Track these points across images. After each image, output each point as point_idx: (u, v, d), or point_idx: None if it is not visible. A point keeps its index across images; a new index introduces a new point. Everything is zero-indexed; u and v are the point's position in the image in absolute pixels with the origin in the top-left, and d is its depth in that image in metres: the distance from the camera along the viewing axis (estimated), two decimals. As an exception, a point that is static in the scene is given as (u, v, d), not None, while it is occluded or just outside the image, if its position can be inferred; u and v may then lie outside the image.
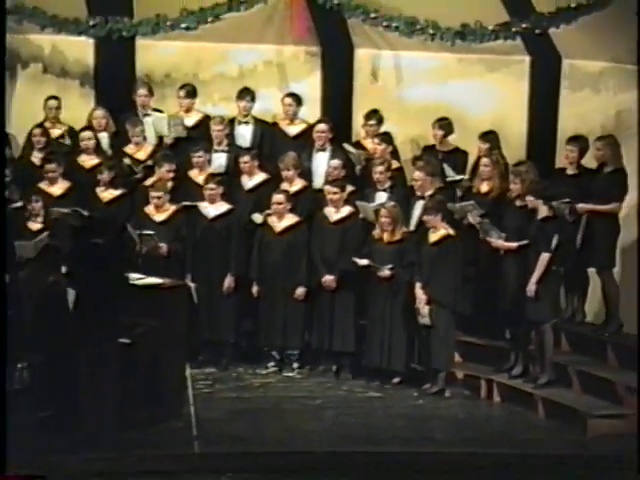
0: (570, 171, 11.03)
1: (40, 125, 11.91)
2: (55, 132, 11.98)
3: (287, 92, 12.06)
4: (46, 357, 9.66)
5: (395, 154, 11.72)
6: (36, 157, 11.80)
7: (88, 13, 11.97)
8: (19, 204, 11.30)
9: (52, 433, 9.31)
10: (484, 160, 11.18)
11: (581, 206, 10.77)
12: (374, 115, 11.82)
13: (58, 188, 11.51)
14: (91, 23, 11.89)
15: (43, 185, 11.49)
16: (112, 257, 9.75)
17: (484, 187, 11.15)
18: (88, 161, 11.76)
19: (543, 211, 10.38)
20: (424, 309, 10.63)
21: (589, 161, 11.02)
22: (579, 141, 11.03)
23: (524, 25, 11.73)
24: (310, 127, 11.82)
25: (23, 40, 12.18)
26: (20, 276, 10.67)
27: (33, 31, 12.03)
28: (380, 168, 11.27)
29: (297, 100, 11.92)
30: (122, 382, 9.43)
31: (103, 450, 9.09)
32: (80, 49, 12.28)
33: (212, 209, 11.31)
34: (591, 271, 11.06)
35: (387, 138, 11.69)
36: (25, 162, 11.80)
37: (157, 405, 9.76)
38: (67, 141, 11.99)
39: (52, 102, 12.01)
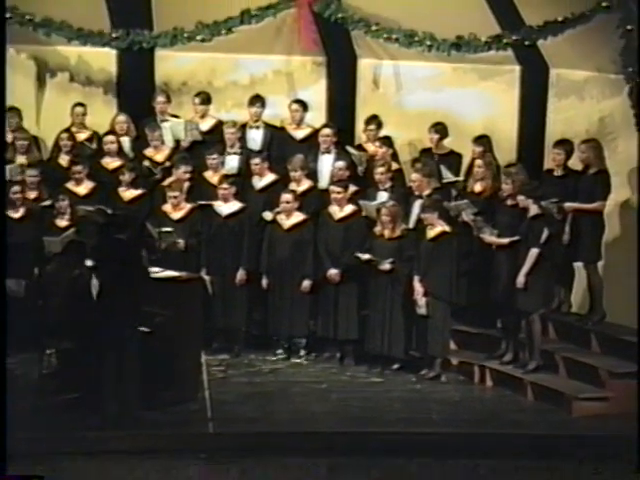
0: (557, 172, 11.05)
1: (67, 130, 11.97)
2: (81, 136, 12.04)
3: (294, 99, 12.09)
4: (72, 344, 9.76)
5: (395, 156, 11.77)
6: (63, 159, 11.86)
7: (111, 26, 12.03)
8: (48, 203, 11.42)
9: (78, 414, 9.42)
10: (478, 162, 11.21)
11: (568, 205, 10.77)
12: (374, 120, 11.86)
13: (83, 188, 11.58)
14: (114, 35, 11.96)
15: (70, 185, 11.57)
16: (133, 252, 9.78)
17: (478, 187, 11.19)
18: (111, 163, 11.82)
19: (533, 209, 10.42)
20: (422, 300, 10.68)
21: (575, 163, 11.03)
22: (565, 145, 11.05)
23: (514, 37, 11.72)
24: (316, 131, 11.85)
25: (51, 51, 12.26)
26: (47, 269, 10.78)
27: (60, 43, 12.08)
28: (381, 169, 11.35)
29: (303, 106, 11.96)
30: (142, 367, 9.43)
31: (125, 430, 9.19)
32: (104, 59, 12.34)
33: (225, 207, 11.37)
34: (576, 265, 11.08)
35: (387, 141, 11.75)
36: (53, 164, 11.88)
37: (175, 389, 9.82)
38: (92, 145, 12.04)
39: (78, 109, 12.07)
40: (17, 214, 11.39)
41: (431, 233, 10.80)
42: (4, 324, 7.31)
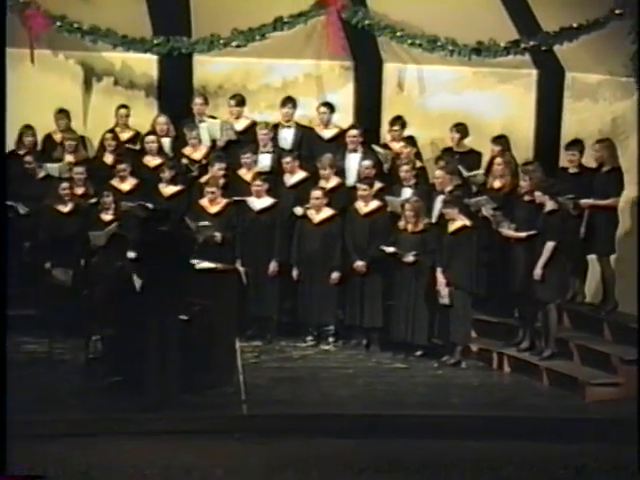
0: (572, 170, 11.00)
1: (112, 130, 12.01)
2: (124, 136, 12.06)
3: (321, 102, 12.06)
4: (116, 330, 9.83)
5: (418, 155, 11.74)
6: (108, 158, 11.90)
7: (153, 33, 12.07)
8: (94, 199, 11.45)
9: (121, 396, 9.46)
10: (497, 160, 11.18)
11: (584, 201, 10.74)
12: (398, 121, 11.83)
13: (127, 185, 11.60)
14: (155, 42, 12.00)
15: (114, 182, 11.59)
16: (172, 244, 9.81)
17: (497, 184, 11.15)
18: (152, 161, 11.83)
19: (549, 205, 10.38)
20: (444, 291, 10.66)
21: (589, 161, 10.98)
22: (577, 145, 11.02)
23: (532, 42, 11.74)
24: (343, 131, 11.83)
25: (97, 57, 12.28)
26: (92, 261, 10.84)
27: (106, 49, 12.13)
28: (405, 167, 11.32)
29: (330, 108, 11.94)
30: (181, 353, 9.50)
31: (165, 411, 9.22)
32: (146, 64, 12.34)
33: (258, 203, 11.36)
34: (590, 258, 11.03)
35: (411, 141, 11.73)
36: (98, 162, 11.91)
37: (211, 373, 9.84)
38: (135, 144, 12.05)
39: (122, 110, 12.10)
40: (65, 209, 11.46)
41: (452, 227, 10.76)
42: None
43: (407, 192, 11.24)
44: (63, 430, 8.92)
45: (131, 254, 10.11)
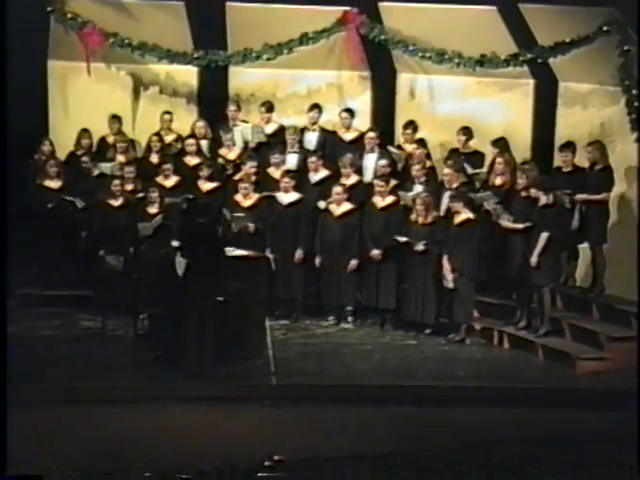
0: (565, 169, 10.95)
1: (157, 133, 12.03)
2: (168, 138, 12.08)
3: (343, 107, 12.03)
4: (161, 310, 9.89)
5: (428, 156, 11.70)
6: (154, 158, 11.92)
7: (193, 48, 12.08)
8: (141, 195, 11.49)
9: (165, 367, 9.51)
10: (498, 159, 11.13)
11: (578, 196, 10.70)
12: (410, 125, 11.80)
13: (170, 181, 11.62)
14: (195, 55, 12.02)
15: (159, 179, 11.62)
16: (210, 234, 9.89)
17: (498, 181, 11.10)
18: (192, 161, 11.84)
19: (543, 200, 10.35)
20: (449, 276, 10.64)
21: (582, 161, 10.94)
22: (569, 147, 10.99)
23: (529, 55, 11.67)
24: (362, 134, 11.79)
25: (145, 69, 12.30)
26: (141, 249, 10.88)
27: (152, 62, 12.15)
28: (417, 166, 11.30)
29: (351, 113, 11.90)
30: (218, 329, 9.54)
31: (203, 380, 9.28)
32: (187, 75, 12.35)
33: (286, 198, 11.35)
34: (580, 247, 11.00)
35: (422, 143, 11.71)
36: (145, 162, 11.93)
37: (244, 348, 9.88)
38: (177, 145, 12.07)
39: (166, 116, 12.13)
40: (117, 203, 11.50)
41: (458, 219, 10.74)
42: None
43: (418, 188, 11.21)
44: (114, 395, 8.99)
45: (174, 243, 10.13)
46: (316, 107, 11.91)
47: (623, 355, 9.98)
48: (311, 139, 11.94)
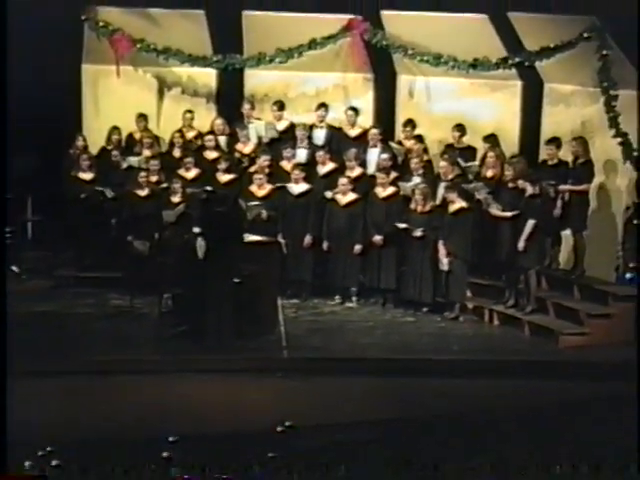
0: (550, 162, 10.91)
1: (179, 130, 11.97)
2: (189, 135, 12.02)
3: (348, 106, 12.00)
4: (183, 290, 9.88)
5: (426, 150, 11.64)
6: (176, 152, 11.87)
7: (212, 52, 12.04)
8: (165, 185, 11.47)
9: (187, 341, 9.56)
10: (489, 154, 11.11)
11: (562, 187, 10.66)
12: (409, 123, 11.76)
13: (191, 174, 11.57)
14: (214, 59, 11.97)
15: (181, 172, 11.58)
16: (228, 221, 9.90)
17: (489, 173, 11.07)
18: (211, 155, 11.79)
19: (529, 190, 10.32)
20: (444, 259, 10.64)
21: (565, 155, 10.90)
22: (554, 142, 10.96)
23: (517, 59, 11.63)
24: (365, 131, 11.76)
25: (168, 72, 12.25)
26: (165, 235, 10.88)
27: (175, 65, 12.11)
28: (415, 160, 11.27)
29: (355, 112, 11.87)
30: (234, 308, 9.54)
31: (221, 354, 9.29)
32: (206, 77, 12.28)
33: (296, 188, 11.32)
34: (563, 233, 10.96)
35: (420, 139, 11.66)
36: (168, 156, 11.90)
37: (258, 324, 9.87)
38: (197, 141, 12.01)
39: (188, 114, 12.05)
40: (143, 193, 11.47)
41: (452, 208, 10.73)
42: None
43: (416, 180, 11.18)
44: (141, 367, 9.02)
45: (196, 229, 10.12)
46: (323, 106, 11.88)
47: (601, 330, 10.02)
48: (319, 135, 11.90)
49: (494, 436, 7.63)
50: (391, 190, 11.20)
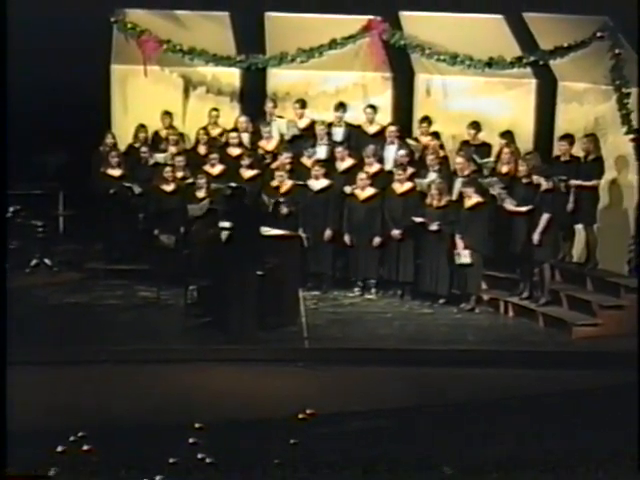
0: (563, 158, 10.85)
1: (204, 128, 11.98)
2: (214, 132, 12.03)
3: (367, 104, 11.96)
4: (208, 282, 9.89)
5: (442, 147, 11.62)
6: (201, 149, 11.88)
7: (236, 52, 12.03)
8: (190, 181, 11.48)
9: (211, 332, 9.57)
10: (504, 150, 11.05)
11: (573, 182, 10.61)
12: (426, 120, 11.72)
13: (216, 169, 11.57)
14: (238, 59, 11.94)
15: (206, 167, 11.57)
16: (251, 216, 9.91)
17: (504, 169, 11.01)
18: (235, 151, 11.78)
19: (544, 185, 10.28)
20: (464, 252, 10.57)
21: (577, 151, 10.83)
22: (567, 138, 10.89)
23: (532, 58, 11.53)
24: (384, 128, 11.73)
25: (194, 71, 12.26)
26: (190, 229, 10.89)
27: (200, 65, 12.11)
28: (432, 156, 11.23)
29: (374, 109, 11.84)
30: (257, 300, 9.52)
31: (245, 344, 9.30)
32: (230, 77, 12.29)
33: (317, 184, 11.30)
34: (577, 227, 10.90)
35: (436, 136, 11.63)
36: (194, 153, 11.91)
37: (280, 315, 9.88)
38: (221, 138, 12.00)
39: (214, 112, 12.06)
40: (169, 188, 11.51)
41: (469, 203, 10.69)
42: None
43: (433, 175, 11.13)
44: (167, 356, 9.04)
45: (220, 223, 10.15)
46: (341, 106, 11.86)
47: (613, 321, 9.97)
48: (338, 132, 11.86)
49: (509, 425, 7.60)
50: (408, 186, 11.16)
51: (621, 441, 7.06)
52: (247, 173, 11.56)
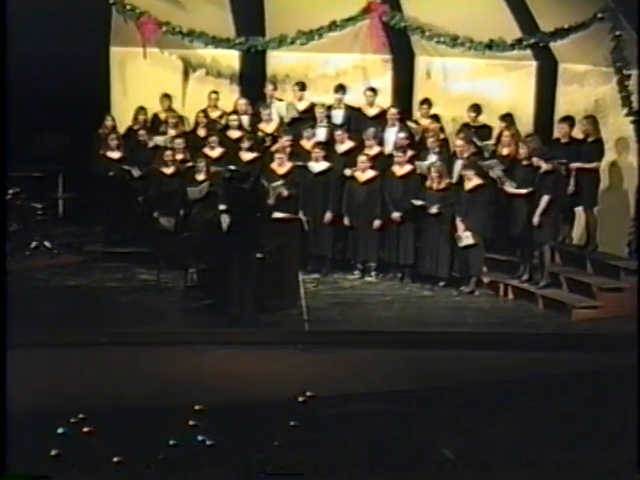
0: (563, 140, 10.79)
1: (204, 110, 11.95)
2: (213, 115, 12.00)
3: (367, 87, 11.93)
4: (208, 265, 9.87)
5: (442, 129, 11.59)
6: (201, 132, 11.85)
7: (236, 34, 12.00)
8: (190, 164, 11.45)
9: (211, 314, 9.56)
10: (505, 132, 11.01)
11: (573, 164, 10.55)
12: (426, 102, 11.70)
13: (215, 152, 11.54)
14: (237, 41, 11.91)
15: (206, 150, 11.55)
16: (251, 199, 9.84)
17: (505, 151, 10.96)
18: (234, 134, 11.75)
19: (544, 167, 10.22)
20: (465, 234, 10.55)
21: (576, 133, 10.78)
22: (567, 120, 10.84)
23: (532, 40, 11.49)
24: (384, 110, 11.70)
25: (193, 53, 12.24)
26: (189, 212, 10.88)
27: (200, 47, 12.07)
28: (432, 139, 11.21)
29: (374, 92, 11.82)
30: (257, 282, 9.49)
31: (245, 327, 9.27)
32: (230, 59, 12.28)
33: (316, 166, 11.28)
34: (577, 209, 10.86)
35: (437, 118, 11.60)
36: (193, 135, 11.88)
37: (280, 298, 9.86)
38: (221, 121, 11.98)
39: (213, 95, 12.04)
40: (169, 171, 11.49)
41: (469, 185, 10.65)
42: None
43: (433, 158, 11.10)
44: (167, 339, 9.03)
45: (220, 206, 10.12)
46: (341, 88, 11.82)
47: (613, 303, 9.93)
48: (338, 115, 11.83)
49: (509, 406, 7.58)
50: (408, 168, 11.13)
51: (620, 424, 7.03)
52: (247, 156, 11.52)
